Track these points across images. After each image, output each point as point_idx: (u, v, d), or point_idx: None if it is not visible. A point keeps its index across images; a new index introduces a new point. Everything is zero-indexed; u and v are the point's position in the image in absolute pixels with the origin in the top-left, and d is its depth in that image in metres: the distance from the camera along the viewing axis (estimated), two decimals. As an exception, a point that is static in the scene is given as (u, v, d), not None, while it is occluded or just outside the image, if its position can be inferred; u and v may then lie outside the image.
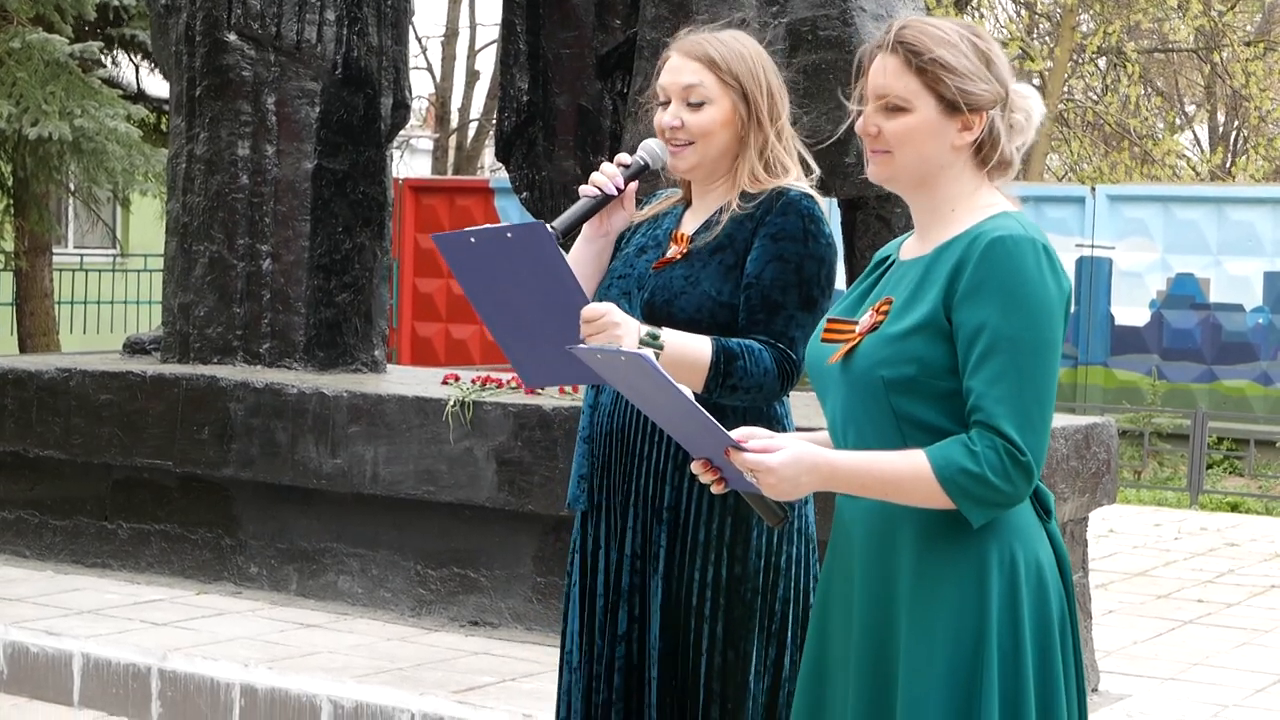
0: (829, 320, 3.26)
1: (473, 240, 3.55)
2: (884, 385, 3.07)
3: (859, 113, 3.21)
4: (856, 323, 3.18)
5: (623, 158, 4.00)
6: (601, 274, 4.09)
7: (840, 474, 3.07)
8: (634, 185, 4.00)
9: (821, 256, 3.91)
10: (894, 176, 3.19)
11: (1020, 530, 3.09)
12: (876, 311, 3.14)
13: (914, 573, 3.08)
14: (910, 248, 3.25)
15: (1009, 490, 2.98)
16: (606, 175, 3.94)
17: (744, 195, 3.94)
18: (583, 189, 3.95)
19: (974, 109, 3.12)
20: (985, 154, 3.16)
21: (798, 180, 3.96)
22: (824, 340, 3.23)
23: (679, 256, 3.95)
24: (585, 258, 4.06)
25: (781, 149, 3.96)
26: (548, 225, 3.82)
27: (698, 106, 3.92)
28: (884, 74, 3.14)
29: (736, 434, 3.11)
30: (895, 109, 3.13)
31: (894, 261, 3.27)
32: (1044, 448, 3.02)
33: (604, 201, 3.95)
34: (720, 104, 3.92)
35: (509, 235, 3.52)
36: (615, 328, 3.61)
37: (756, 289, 3.87)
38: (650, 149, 3.98)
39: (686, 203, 4.09)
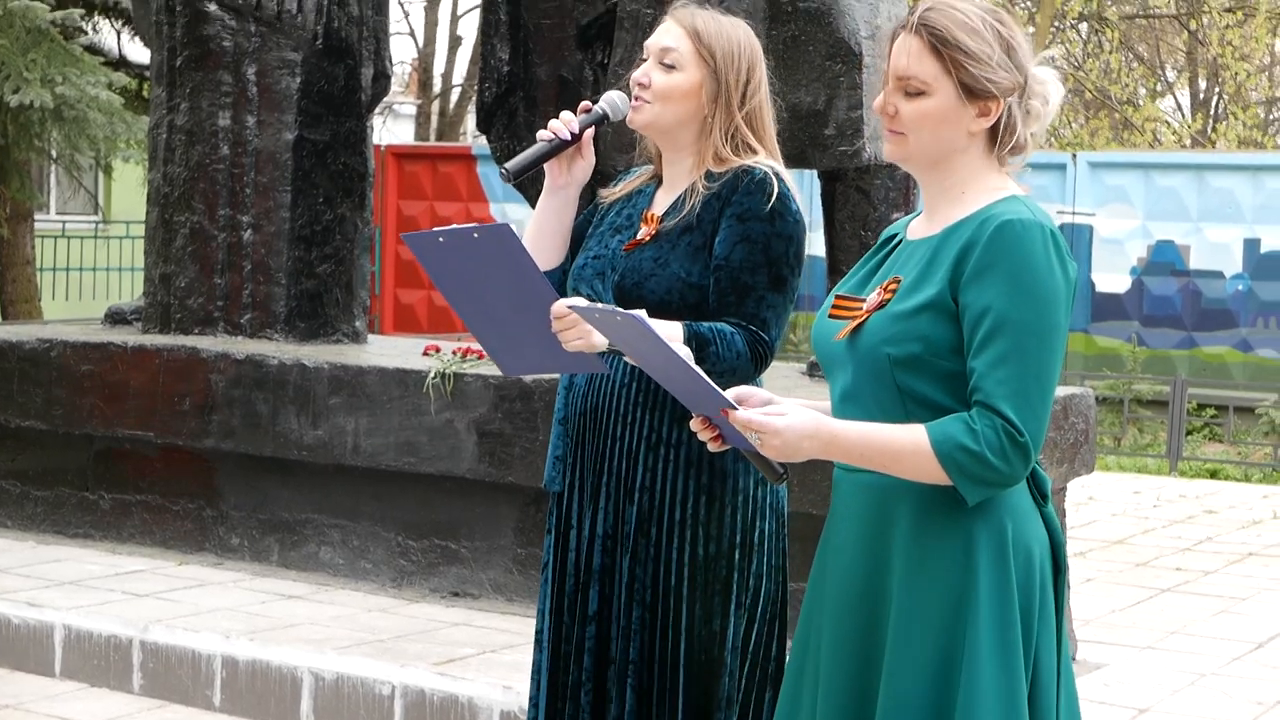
0: (836, 297, 3.29)
1: (441, 240, 3.57)
2: (890, 362, 3.10)
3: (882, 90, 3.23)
4: (864, 300, 3.20)
5: (584, 105, 4.04)
6: (565, 231, 4.11)
7: (840, 441, 3.10)
8: (590, 133, 4.02)
9: (789, 235, 3.91)
10: (908, 157, 3.21)
11: (1014, 511, 3.12)
12: (884, 290, 3.17)
13: (907, 548, 3.12)
14: (918, 227, 3.27)
15: (1006, 470, 3.01)
16: (562, 120, 3.97)
17: (709, 175, 3.95)
18: (539, 134, 3.98)
19: (992, 96, 3.14)
20: (1000, 139, 3.19)
21: (767, 158, 3.97)
22: (831, 316, 3.26)
23: (648, 238, 3.97)
24: (549, 212, 4.09)
25: (749, 132, 3.97)
26: (506, 169, 3.90)
27: (668, 69, 3.95)
28: (906, 55, 3.15)
29: (732, 394, 3.14)
30: (915, 91, 3.15)
31: (901, 240, 3.29)
32: (1043, 430, 3.05)
33: (560, 146, 3.97)
34: (689, 73, 3.94)
35: (475, 236, 3.54)
36: (583, 323, 3.62)
37: (725, 271, 3.88)
38: (611, 100, 4.02)
39: (658, 180, 4.10)
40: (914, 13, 3.17)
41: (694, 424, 3.23)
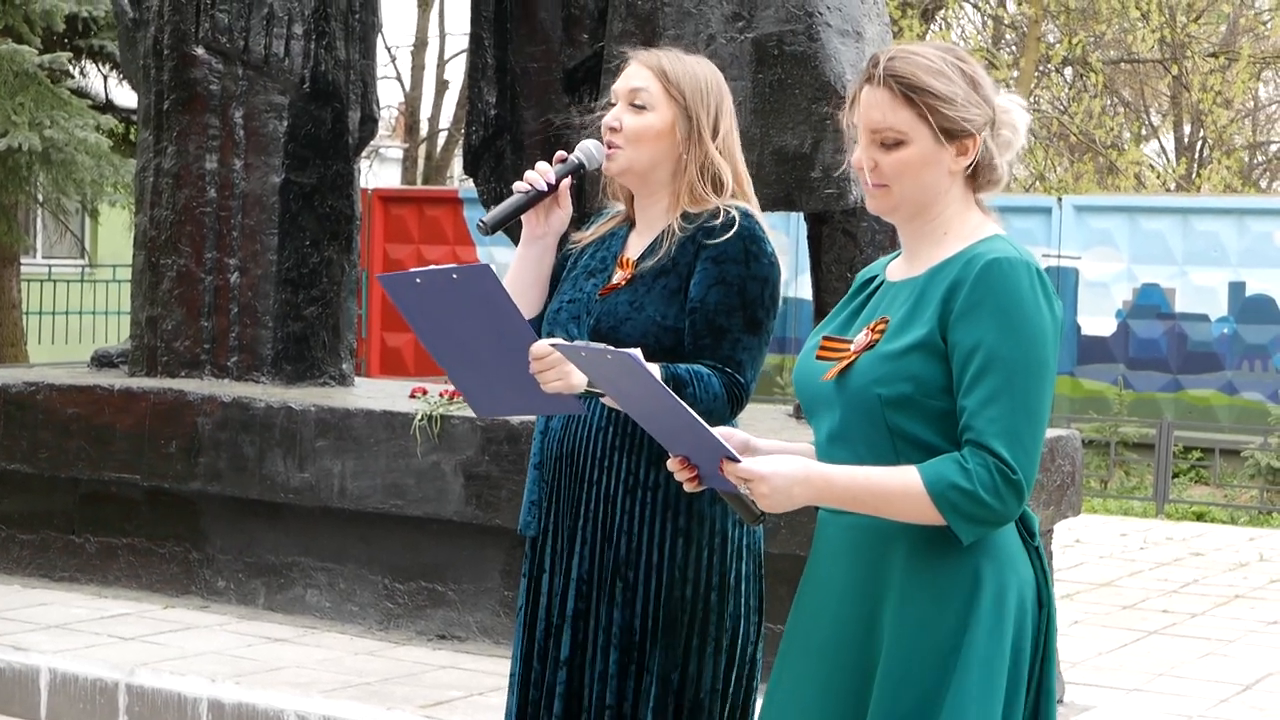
0: (823, 338, 3.27)
1: (418, 281, 3.55)
2: (880, 403, 3.09)
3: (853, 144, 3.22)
4: (851, 341, 3.20)
5: (559, 155, 4.03)
6: (544, 280, 4.10)
7: (834, 487, 3.09)
8: (567, 182, 4.00)
9: (764, 277, 3.90)
10: (895, 208, 3.20)
11: (1005, 551, 3.12)
12: (872, 330, 3.16)
13: (902, 589, 3.11)
14: (898, 269, 3.26)
15: (1000, 508, 3.01)
16: (538, 171, 3.96)
17: (685, 216, 3.94)
18: (515, 185, 3.98)
19: (969, 134, 3.15)
20: (979, 173, 3.20)
21: (739, 197, 3.97)
22: (818, 358, 3.24)
23: (623, 282, 3.96)
24: (527, 261, 4.07)
25: (724, 164, 3.97)
26: (483, 221, 3.87)
27: (639, 110, 3.95)
28: (877, 108, 3.14)
29: (718, 432, 3.13)
30: (893, 143, 3.15)
31: (882, 282, 3.29)
32: (1035, 467, 3.04)
33: (536, 197, 3.96)
34: (660, 112, 3.93)
35: (454, 276, 3.52)
36: (564, 363, 3.60)
37: (701, 313, 3.87)
38: (586, 149, 4.00)
39: (631, 222, 4.10)
40: (875, 65, 3.16)
41: (671, 464, 3.21)
